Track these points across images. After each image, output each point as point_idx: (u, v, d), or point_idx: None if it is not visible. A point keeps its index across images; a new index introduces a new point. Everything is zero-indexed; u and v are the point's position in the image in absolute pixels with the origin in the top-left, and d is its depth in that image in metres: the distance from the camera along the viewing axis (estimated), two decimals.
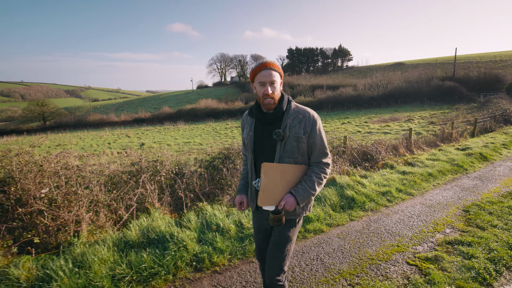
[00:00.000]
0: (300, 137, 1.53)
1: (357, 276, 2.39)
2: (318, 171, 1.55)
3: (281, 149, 1.54)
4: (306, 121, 1.54)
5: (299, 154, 1.55)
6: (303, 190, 1.50)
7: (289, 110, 1.56)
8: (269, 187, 1.49)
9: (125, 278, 2.24)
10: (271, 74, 1.50)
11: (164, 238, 2.66)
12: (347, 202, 3.85)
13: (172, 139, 19.38)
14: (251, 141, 1.62)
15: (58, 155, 3.45)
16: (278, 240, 1.62)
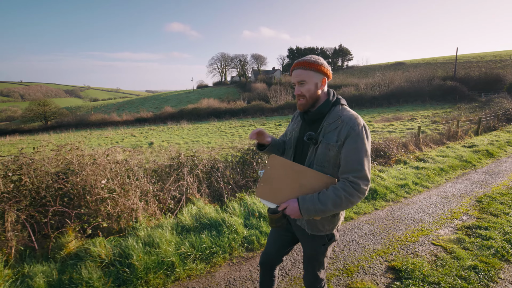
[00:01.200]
0: (330, 144, 1.36)
1: (390, 254, 2.72)
2: (339, 188, 1.30)
3: (313, 154, 1.43)
4: (343, 127, 1.35)
5: (329, 164, 1.38)
6: (310, 201, 1.32)
7: (331, 112, 1.42)
8: (273, 182, 1.40)
9: (190, 256, 2.57)
10: (300, 74, 1.40)
11: (217, 223, 2.99)
12: (370, 193, 4.19)
13: (179, 138, 19.67)
14: (294, 137, 1.56)
15: (107, 150, 3.77)
16: (312, 254, 1.57)
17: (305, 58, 1.42)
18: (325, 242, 1.51)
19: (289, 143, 1.60)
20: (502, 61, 43.18)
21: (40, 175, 3.15)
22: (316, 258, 1.56)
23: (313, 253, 1.55)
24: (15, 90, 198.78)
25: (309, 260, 1.59)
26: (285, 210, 1.37)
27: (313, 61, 1.39)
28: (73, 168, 3.28)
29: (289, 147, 1.58)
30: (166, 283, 2.30)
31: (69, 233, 2.75)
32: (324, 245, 1.52)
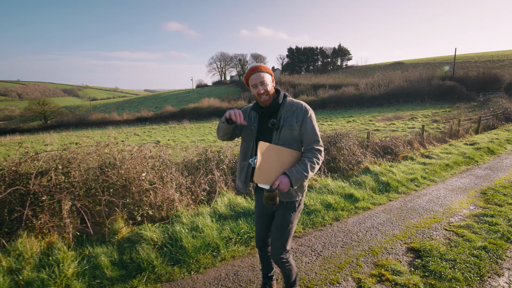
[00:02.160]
0: (292, 125, 1.70)
1: (408, 238, 3.04)
2: (310, 156, 1.69)
3: (277, 137, 1.73)
4: (298, 111, 1.73)
5: (293, 141, 1.73)
6: (297, 172, 1.63)
7: (284, 103, 1.77)
8: (265, 166, 1.62)
9: (232, 240, 2.87)
10: (260, 76, 1.71)
11: (250, 211, 3.29)
12: (384, 186, 4.51)
13: (184, 137, 19.92)
14: (255, 131, 1.81)
15: (142, 146, 4.06)
16: (280, 224, 1.80)
17: (260, 64, 1.76)
18: (295, 209, 1.80)
19: (249, 136, 1.84)
20: (499, 61, 43.76)
21: (85, 168, 3.44)
22: (287, 225, 1.79)
23: (285, 221, 1.79)
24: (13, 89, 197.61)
25: (280, 228, 1.80)
26: (279, 186, 1.60)
27: (266, 66, 1.77)
28: (114, 162, 3.57)
29: (249, 140, 1.83)
30: (215, 262, 2.60)
31: (118, 220, 3.04)
32: (293, 213, 1.80)
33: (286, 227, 1.79)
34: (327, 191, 4.12)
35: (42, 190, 2.95)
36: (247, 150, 1.83)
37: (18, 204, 2.85)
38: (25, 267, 2.36)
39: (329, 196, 3.92)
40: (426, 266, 2.48)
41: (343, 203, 3.84)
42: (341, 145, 5.67)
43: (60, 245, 2.60)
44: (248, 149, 1.83)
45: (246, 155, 1.84)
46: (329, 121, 23.65)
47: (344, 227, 3.32)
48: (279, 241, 1.81)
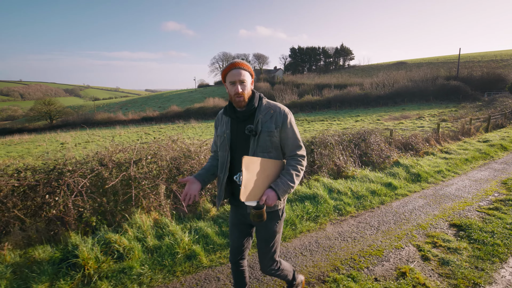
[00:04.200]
0: (272, 131, 1.56)
1: (448, 217, 3.60)
2: (294, 164, 1.59)
3: (255, 144, 1.57)
4: (277, 115, 1.59)
5: (272, 148, 1.59)
6: (283, 184, 1.52)
7: (261, 106, 1.61)
8: (251, 182, 1.48)
9: (304, 217, 3.45)
10: (241, 73, 1.54)
11: (311, 196, 3.88)
12: (415, 177, 5.08)
13: (197, 136, 20.48)
14: (227, 138, 1.64)
15: (206, 141, 4.64)
16: (266, 236, 1.69)
17: (241, 60, 1.58)
18: (279, 218, 1.69)
19: (223, 145, 1.66)
20: (503, 60, 44.29)
21: (165, 159, 4.02)
22: (273, 237, 1.70)
23: (270, 233, 1.68)
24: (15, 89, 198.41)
25: (266, 241, 1.70)
26: (266, 201, 1.49)
27: (248, 64, 1.61)
28: (189, 154, 4.15)
29: (224, 149, 1.65)
30: (295, 234, 3.17)
31: (205, 202, 3.62)
32: (278, 222, 1.70)
33: (272, 239, 1.70)
34: (368, 180, 4.70)
35: (141, 176, 3.53)
36: (223, 160, 1.66)
37: (125, 188, 3.43)
38: (146, 236, 2.93)
39: (371, 184, 4.50)
40: (470, 236, 3.05)
41: (384, 190, 4.42)
42: (369, 141, 6.24)
43: (167, 220, 3.18)
44: (224, 159, 1.66)
45: (222, 166, 1.67)
46: (337, 120, 24.21)
47: (390, 209, 3.90)
48: (267, 255, 1.73)
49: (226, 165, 1.65)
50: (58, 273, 2.40)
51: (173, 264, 2.59)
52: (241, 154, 1.58)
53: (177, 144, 4.28)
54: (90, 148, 17.43)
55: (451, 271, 2.47)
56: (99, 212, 3.13)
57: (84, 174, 3.35)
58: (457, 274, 2.41)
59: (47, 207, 3.05)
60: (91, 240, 2.69)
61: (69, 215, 3.03)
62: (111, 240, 2.72)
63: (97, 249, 2.57)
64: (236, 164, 1.61)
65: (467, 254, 2.73)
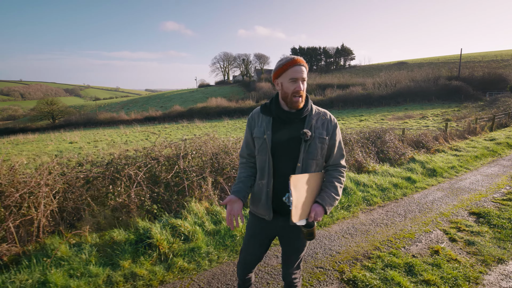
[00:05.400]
0: (323, 138, 1.51)
1: (466, 206, 3.98)
2: (338, 176, 1.54)
3: (305, 150, 1.49)
4: (328, 122, 1.55)
5: (321, 156, 1.53)
6: (329, 198, 1.47)
7: (312, 111, 1.55)
8: (300, 201, 1.44)
9: (338, 206, 3.82)
10: (303, 71, 1.45)
11: None
12: (431, 172, 5.46)
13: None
14: (269, 140, 1.51)
15: (238, 138, 5.00)
16: (298, 246, 1.64)
17: (300, 57, 1.48)
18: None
19: (262, 149, 1.54)
20: (503, 61, 44.74)
21: (208, 154, 4.38)
22: (304, 246, 1.66)
23: (303, 243, 1.64)
24: (15, 89, 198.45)
25: (297, 251, 1.65)
26: (315, 218, 1.43)
27: (305, 60, 1.51)
28: (227, 150, 4.51)
29: (263, 153, 1.54)
30: (333, 221, 3.54)
31: None
32: None
33: (303, 248, 1.66)
34: (388, 175, 5.07)
35: (189, 169, 3.89)
36: (263, 165, 1.55)
37: (175, 179, 3.80)
38: (204, 222, 3.30)
39: (393, 178, 4.88)
40: (490, 222, 3.43)
41: (405, 183, 4.79)
42: (385, 139, 6.62)
43: (219, 208, 3.54)
44: (264, 163, 1.55)
45: (263, 171, 1.56)
46: (341, 120, 24.58)
47: (412, 200, 4.27)
48: (295, 263, 1.69)
49: (269, 171, 1.52)
50: (137, 252, 2.76)
51: (234, 244, 2.95)
52: (284, 159, 1.50)
53: (215, 141, 4.65)
54: (101, 146, 17.77)
55: (477, 249, 2.84)
56: (158, 201, 3.49)
57: (140, 167, 3.71)
58: (483, 252, 2.79)
59: (112, 196, 3.42)
60: (159, 225, 3.06)
61: (132, 203, 3.39)
62: (175, 225, 3.08)
63: (167, 232, 2.94)
64: (280, 170, 1.51)
65: (489, 236, 3.11)
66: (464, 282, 2.32)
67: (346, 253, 2.82)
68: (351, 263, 2.64)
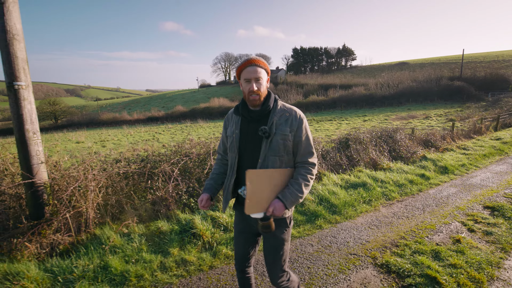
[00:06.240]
0: (286, 135, 1.51)
1: (480, 201, 4.21)
2: (304, 173, 1.53)
3: (267, 146, 1.51)
4: (292, 119, 1.54)
5: (284, 152, 1.53)
6: (290, 194, 1.48)
7: (276, 108, 1.56)
8: (256, 195, 1.46)
9: (360, 201, 4.06)
10: (256, 71, 1.48)
11: (361, 183, 4.48)
12: (443, 169, 5.70)
13: (211, 134, 21.05)
14: (236, 139, 1.59)
15: None
16: (274, 246, 1.63)
17: (257, 57, 1.52)
18: (287, 226, 1.62)
19: (231, 146, 1.61)
20: (505, 61, 44.97)
21: None
22: (282, 245, 1.63)
23: (279, 241, 1.62)
24: None
25: (275, 251, 1.64)
26: (273, 212, 1.46)
27: (264, 61, 1.55)
28: None
29: (232, 150, 1.61)
30: (357, 214, 3.78)
31: None
32: (285, 230, 1.62)
33: (281, 248, 1.64)
34: (403, 172, 5.31)
35: None
36: (232, 161, 1.62)
37: (206, 176, 4.03)
38: None
39: (407, 175, 5.11)
40: (504, 215, 3.66)
41: (419, 180, 5.03)
42: (396, 138, 6.85)
43: None
44: (232, 160, 1.62)
45: (231, 167, 1.64)
46: (345, 120, 24.82)
47: (428, 195, 4.50)
48: (276, 265, 1.66)
49: (233, 167, 1.60)
50: (182, 240, 3.00)
51: None
52: (250, 155, 1.56)
53: None
54: (109, 147, 18.00)
55: (495, 238, 3.08)
56: (193, 195, 3.73)
57: (174, 163, 3.95)
58: (501, 240, 3.02)
59: (151, 190, 3.65)
60: (199, 216, 3.29)
61: (170, 197, 3.63)
62: (214, 216, 3.32)
63: (208, 223, 3.18)
64: (244, 166, 1.56)
65: (505, 227, 3.34)
66: (487, 266, 2.55)
67: (375, 242, 3.06)
68: (381, 250, 2.88)
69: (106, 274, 2.50)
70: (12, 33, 2.93)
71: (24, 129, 3.04)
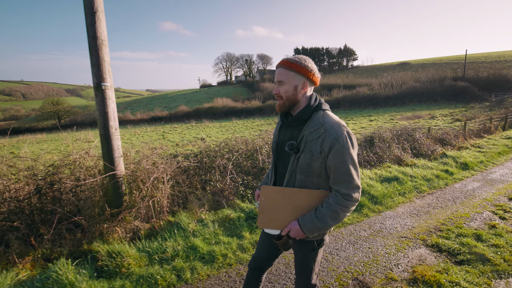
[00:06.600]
0: (314, 155, 1.33)
1: (504, 194, 4.60)
2: (331, 202, 1.34)
3: (294, 162, 1.41)
4: (326, 137, 1.31)
5: (312, 173, 1.37)
6: (309, 221, 1.36)
7: (313, 119, 1.39)
8: (270, 211, 1.43)
9: (396, 193, 4.45)
10: (279, 73, 1.38)
11: (395, 177, 4.89)
12: (463, 165, 6.10)
13: (220, 134, 21.40)
14: (274, 142, 1.57)
15: None
16: (301, 260, 1.58)
17: (290, 57, 1.38)
18: (314, 247, 1.52)
19: (272, 148, 1.60)
20: (507, 61, 45.44)
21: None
22: (307, 264, 1.56)
23: (303, 259, 1.56)
24: (17, 89, 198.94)
25: (300, 265, 1.60)
26: (289, 233, 1.40)
27: (296, 62, 1.36)
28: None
29: (272, 152, 1.59)
30: (396, 204, 4.18)
31: None
32: (313, 251, 1.53)
33: (307, 265, 1.57)
34: (428, 167, 5.71)
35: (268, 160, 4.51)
36: (272, 162, 1.62)
37: (253, 169, 4.42)
38: None
39: (433, 171, 5.51)
40: None
41: (444, 175, 5.42)
42: (415, 137, 7.25)
43: None
44: (273, 161, 1.61)
45: (271, 168, 1.64)
46: (351, 120, 25.22)
47: (455, 189, 4.89)
48: (302, 279, 1.61)
49: (273, 169, 1.59)
50: (251, 226, 3.38)
51: None
52: (282, 162, 1.50)
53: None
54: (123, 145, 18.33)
55: None
56: (249, 186, 4.12)
57: (228, 158, 4.33)
58: None
59: (211, 182, 4.04)
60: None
61: (228, 188, 4.01)
62: None
63: None
64: (279, 171, 1.54)
65: None
66: None
67: (419, 228, 3.45)
68: (427, 234, 3.27)
69: (195, 254, 2.89)
70: (101, 39, 3.32)
71: (108, 125, 3.41)
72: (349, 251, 2.96)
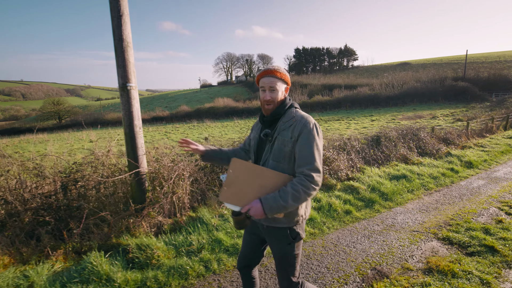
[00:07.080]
0: (285, 140, 1.49)
1: (509, 191, 4.77)
2: (296, 183, 1.42)
3: (269, 150, 1.55)
4: (296, 125, 1.50)
5: (284, 159, 1.50)
6: (272, 200, 1.40)
7: (285, 114, 1.58)
8: (235, 185, 1.44)
9: (405, 190, 4.62)
10: (271, 81, 1.53)
11: (402, 175, 5.06)
12: (468, 164, 6.27)
13: (223, 134, 21.57)
14: (255, 143, 1.67)
15: None
16: (278, 254, 1.61)
17: (276, 67, 1.56)
18: (289, 241, 1.55)
19: (251, 149, 1.70)
20: (507, 61, 45.69)
21: None
22: (286, 260, 1.59)
23: (281, 254, 1.59)
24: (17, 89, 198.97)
25: (279, 262, 1.62)
26: (249, 212, 1.42)
27: (282, 71, 1.56)
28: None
29: (252, 153, 1.69)
30: (405, 201, 4.34)
31: (328, 179, 4.77)
32: (289, 245, 1.56)
33: (284, 259, 1.60)
34: (434, 166, 5.87)
35: None
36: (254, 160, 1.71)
37: None
38: None
39: (438, 169, 5.68)
40: None
41: (450, 173, 5.59)
42: (420, 136, 7.42)
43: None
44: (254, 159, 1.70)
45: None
46: (353, 120, 25.40)
47: (461, 186, 5.06)
48: (283, 273, 1.64)
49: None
50: None
51: (338, 216, 3.75)
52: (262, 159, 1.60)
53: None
54: None
55: None
56: None
57: None
58: None
59: None
60: None
61: None
62: None
63: None
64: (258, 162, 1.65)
65: None
66: None
67: (429, 222, 3.62)
68: (437, 228, 3.44)
69: (220, 246, 3.05)
70: (127, 41, 3.48)
71: (133, 124, 3.57)
72: (365, 244, 3.13)
